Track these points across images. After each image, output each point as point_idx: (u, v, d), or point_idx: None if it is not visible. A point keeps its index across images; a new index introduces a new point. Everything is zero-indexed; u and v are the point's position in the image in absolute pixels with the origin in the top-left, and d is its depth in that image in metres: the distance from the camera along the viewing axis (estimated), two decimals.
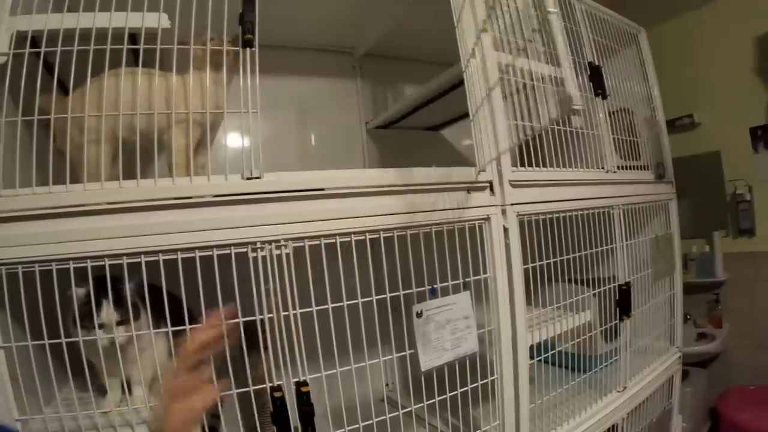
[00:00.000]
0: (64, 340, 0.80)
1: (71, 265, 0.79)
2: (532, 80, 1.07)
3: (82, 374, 0.84)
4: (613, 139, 1.44)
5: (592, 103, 1.39)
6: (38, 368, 0.79)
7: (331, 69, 1.72)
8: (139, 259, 0.79)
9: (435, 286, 0.98)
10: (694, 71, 2.75)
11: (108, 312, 0.85)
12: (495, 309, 1.07)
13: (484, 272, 1.05)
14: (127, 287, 0.85)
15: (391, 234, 0.94)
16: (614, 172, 1.42)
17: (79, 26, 0.82)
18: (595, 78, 1.39)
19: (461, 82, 1.10)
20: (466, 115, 1.08)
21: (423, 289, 0.98)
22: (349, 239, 0.90)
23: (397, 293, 0.95)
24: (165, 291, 0.84)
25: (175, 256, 0.80)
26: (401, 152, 1.83)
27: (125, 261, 0.79)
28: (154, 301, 0.87)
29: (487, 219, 1.05)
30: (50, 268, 0.77)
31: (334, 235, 0.88)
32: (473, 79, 1.06)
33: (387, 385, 1.50)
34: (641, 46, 1.73)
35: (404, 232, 0.95)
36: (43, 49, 0.82)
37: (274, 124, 1.59)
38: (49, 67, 0.88)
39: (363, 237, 0.91)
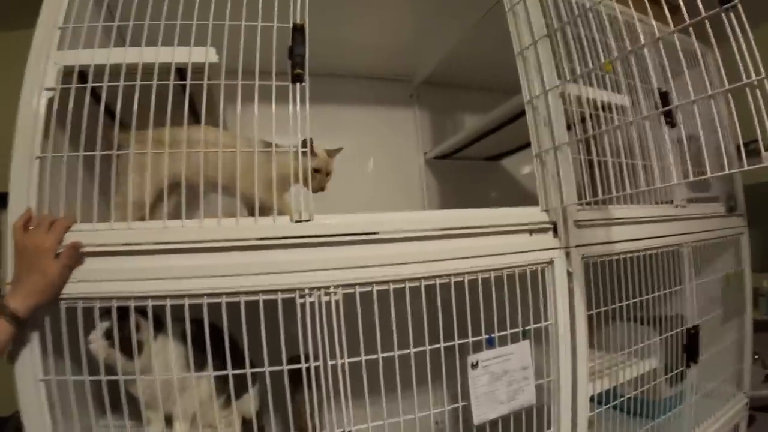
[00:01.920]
0: (103, 378, 0.79)
1: (114, 305, 0.78)
2: (603, 111, 0.99)
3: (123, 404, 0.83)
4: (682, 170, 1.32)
5: (660, 132, 1.28)
6: (77, 398, 0.79)
7: (389, 97, 1.69)
8: (183, 302, 0.77)
9: (492, 335, 0.91)
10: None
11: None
12: (555, 359, 0.98)
13: (545, 319, 0.97)
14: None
15: (448, 280, 0.87)
16: (683, 206, 1.30)
17: (126, 61, 0.81)
18: (664, 106, 1.29)
19: (523, 113, 1.03)
20: (527, 145, 1.01)
21: (480, 338, 0.90)
22: (403, 286, 0.83)
23: (452, 343, 0.88)
24: (208, 331, 0.81)
25: (219, 300, 0.78)
26: (460, 183, 1.77)
27: (169, 303, 0.78)
28: (199, 339, 0.83)
29: (550, 263, 0.97)
30: (92, 305, 0.77)
31: (387, 282, 0.82)
32: (538, 113, 0.99)
33: (436, 423, 1.42)
34: (708, 66, 1.60)
35: (461, 278, 0.88)
36: (89, 85, 0.82)
37: None
38: (97, 98, 0.86)
39: (418, 284, 0.84)
